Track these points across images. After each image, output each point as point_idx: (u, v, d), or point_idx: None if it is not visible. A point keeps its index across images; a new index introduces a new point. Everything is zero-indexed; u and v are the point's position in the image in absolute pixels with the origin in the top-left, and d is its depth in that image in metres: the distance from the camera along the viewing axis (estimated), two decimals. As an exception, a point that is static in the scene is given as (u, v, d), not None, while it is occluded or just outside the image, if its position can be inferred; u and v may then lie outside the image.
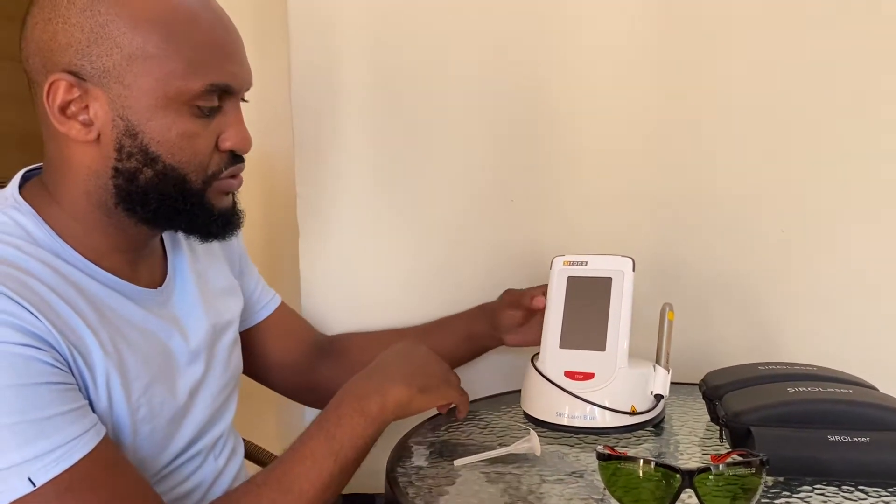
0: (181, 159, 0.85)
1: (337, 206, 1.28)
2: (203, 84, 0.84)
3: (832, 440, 0.89)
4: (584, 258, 1.09)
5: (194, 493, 0.95)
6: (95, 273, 0.86)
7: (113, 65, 0.81)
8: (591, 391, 1.01)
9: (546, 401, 1.04)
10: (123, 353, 0.85)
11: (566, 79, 1.25)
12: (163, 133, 0.84)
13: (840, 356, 1.11)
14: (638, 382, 1.03)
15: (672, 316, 1.05)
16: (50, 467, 0.74)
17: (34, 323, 0.76)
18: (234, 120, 0.89)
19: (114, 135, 0.83)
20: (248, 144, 0.90)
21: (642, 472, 0.82)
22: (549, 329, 1.07)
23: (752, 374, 1.04)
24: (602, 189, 1.27)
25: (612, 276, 1.06)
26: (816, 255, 1.25)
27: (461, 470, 0.96)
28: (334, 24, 1.23)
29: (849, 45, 1.20)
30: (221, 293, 1.03)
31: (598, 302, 1.06)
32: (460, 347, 1.22)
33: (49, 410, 0.75)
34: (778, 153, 1.25)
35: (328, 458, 0.88)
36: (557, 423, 1.03)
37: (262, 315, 1.15)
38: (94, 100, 0.82)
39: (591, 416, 1.01)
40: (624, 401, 1.01)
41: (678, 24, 1.23)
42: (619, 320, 1.04)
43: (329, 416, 0.91)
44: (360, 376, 0.96)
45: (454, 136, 1.26)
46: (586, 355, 1.04)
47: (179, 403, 0.92)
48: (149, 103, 0.83)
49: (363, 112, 1.25)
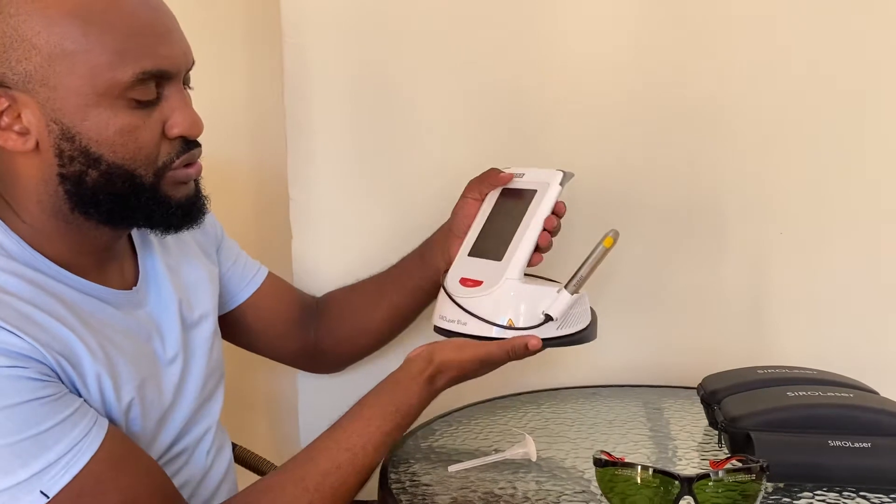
0: (125, 155, 0.81)
1: (330, 209, 1.27)
2: (133, 73, 0.79)
3: (833, 445, 0.88)
4: (523, 170, 1.06)
5: (180, 491, 0.93)
6: (70, 280, 0.84)
7: (34, 68, 0.78)
8: (470, 297, 0.98)
9: (436, 305, 1.03)
10: (112, 356, 0.83)
11: (558, 78, 1.24)
12: (100, 131, 0.80)
13: (839, 360, 1.09)
14: (526, 297, 0.97)
15: (609, 243, 0.98)
16: (59, 476, 0.74)
17: (14, 342, 0.74)
18: (178, 104, 0.83)
19: (51, 140, 0.80)
20: (197, 128, 0.86)
21: (640, 479, 0.81)
22: (468, 237, 1.04)
23: (751, 378, 1.03)
24: (593, 189, 1.26)
25: (538, 189, 1.02)
26: (815, 258, 1.25)
27: (456, 476, 0.94)
28: (328, 26, 1.22)
29: (848, 44, 1.19)
30: (195, 287, 1.01)
31: (515, 213, 1.02)
32: (417, 277, 1.14)
33: (46, 423, 0.74)
34: (776, 155, 1.24)
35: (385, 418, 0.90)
36: (438, 325, 1.01)
37: (250, 290, 1.13)
38: (24, 107, 0.79)
39: (465, 322, 0.97)
40: (502, 313, 0.96)
41: (674, 22, 1.22)
42: (524, 231, 1.00)
43: (384, 385, 0.93)
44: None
45: (449, 138, 1.25)
46: (484, 264, 1.01)
47: (166, 402, 0.91)
48: (79, 102, 0.79)
49: (356, 115, 1.24)
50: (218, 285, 1.07)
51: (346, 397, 0.95)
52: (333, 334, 1.18)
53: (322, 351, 1.19)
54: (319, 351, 1.19)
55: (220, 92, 1.35)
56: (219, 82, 1.35)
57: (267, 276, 1.16)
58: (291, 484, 0.87)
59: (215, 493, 0.99)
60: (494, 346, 0.94)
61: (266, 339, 1.17)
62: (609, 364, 1.28)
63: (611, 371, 1.27)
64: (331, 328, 1.18)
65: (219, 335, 1.04)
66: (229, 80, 1.40)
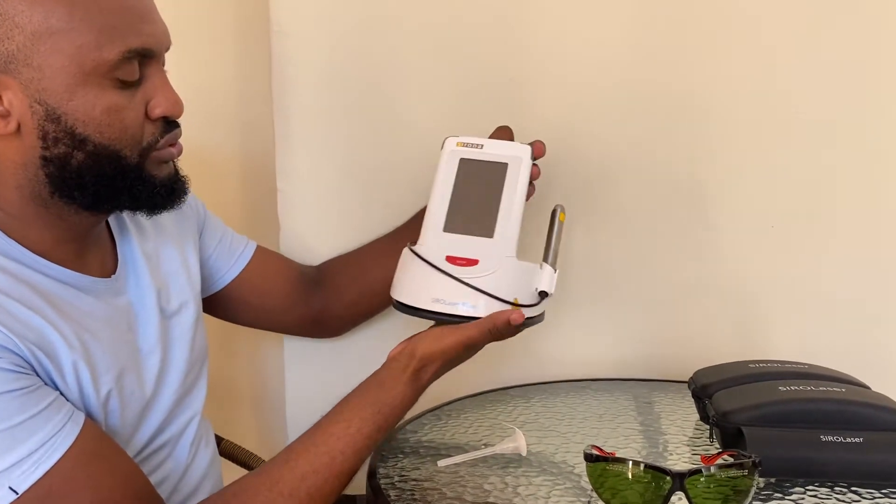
0: (111, 136, 0.81)
1: (318, 201, 1.26)
2: (120, 52, 0.78)
3: (825, 440, 0.88)
4: (479, 141, 1.01)
5: (161, 486, 0.91)
6: (46, 268, 0.82)
7: (17, 48, 0.77)
8: (474, 277, 0.91)
9: (423, 285, 0.93)
10: (89, 345, 0.82)
11: (548, 72, 1.23)
12: (87, 111, 0.79)
13: (831, 354, 1.09)
14: (523, 275, 0.93)
15: (563, 217, 0.97)
16: (30, 472, 0.73)
17: None
18: (159, 84, 0.83)
19: (34, 122, 0.79)
20: (179, 108, 0.85)
21: (631, 474, 0.80)
22: (434, 211, 0.97)
23: (743, 372, 1.02)
24: (582, 182, 1.25)
25: (509, 163, 0.99)
26: (807, 252, 1.24)
27: (445, 471, 0.94)
28: (316, 16, 1.20)
29: (845, 40, 1.19)
30: (174, 275, 0.99)
31: (490, 187, 0.98)
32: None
33: (18, 417, 0.73)
34: (768, 148, 1.23)
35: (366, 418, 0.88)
36: (434, 309, 0.91)
37: (239, 266, 1.12)
38: (4, 89, 0.78)
39: (474, 304, 0.90)
40: (509, 292, 0.91)
41: (668, 10, 1.21)
42: (511, 207, 0.96)
43: (367, 385, 0.91)
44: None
45: (437, 129, 1.23)
46: (472, 241, 0.94)
47: (147, 393, 0.90)
48: (66, 82, 0.78)
49: (345, 106, 1.23)
50: (198, 270, 1.05)
51: (334, 389, 0.94)
52: (345, 297, 1.17)
53: (332, 315, 1.18)
54: (329, 316, 1.18)
55: (208, 81, 1.34)
56: (206, 71, 1.35)
57: (256, 251, 1.14)
58: (266, 487, 0.84)
59: (198, 487, 0.97)
60: (474, 328, 0.89)
61: (263, 312, 1.16)
62: (599, 358, 1.27)
63: (601, 365, 1.26)
64: (343, 292, 1.17)
65: (201, 323, 1.03)
66: (217, 69, 1.39)
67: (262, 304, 1.15)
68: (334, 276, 1.19)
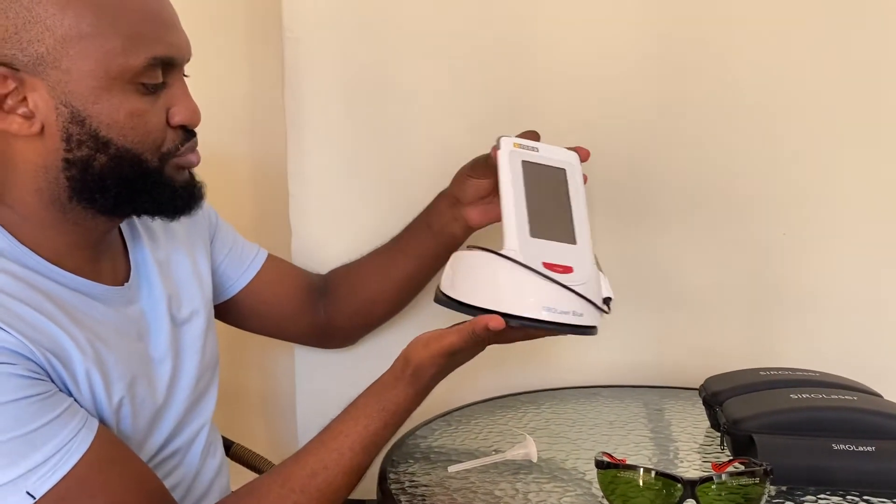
0: (134, 139, 0.82)
1: (330, 206, 1.26)
2: (145, 58, 0.80)
3: (836, 449, 0.87)
4: (533, 144, 0.98)
5: (173, 493, 0.91)
6: (60, 277, 0.83)
7: (46, 50, 0.78)
8: (575, 285, 0.87)
9: (528, 293, 0.87)
10: (102, 353, 0.82)
11: (559, 77, 1.23)
12: (111, 115, 0.80)
13: (843, 362, 1.09)
14: (597, 282, 0.91)
15: None
16: (47, 477, 0.73)
17: (2, 337, 0.73)
18: (180, 94, 0.85)
19: (59, 124, 0.80)
20: (197, 117, 0.87)
21: (642, 481, 0.80)
22: (514, 213, 0.91)
23: (754, 379, 1.02)
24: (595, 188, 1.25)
25: (566, 168, 0.97)
26: (819, 259, 1.24)
27: (455, 476, 0.94)
28: (329, 22, 1.21)
29: (854, 44, 1.18)
30: (185, 282, 1.00)
31: (557, 192, 0.96)
32: (429, 245, 1.13)
33: (35, 423, 0.74)
34: (780, 155, 1.23)
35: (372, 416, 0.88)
36: (546, 318, 0.85)
37: (249, 275, 1.13)
38: (31, 90, 0.79)
39: (581, 312, 0.87)
40: (597, 300, 0.89)
41: (678, 24, 1.21)
42: (581, 213, 0.94)
43: (372, 386, 0.91)
44: None
45: (449, 135, 1.24)
46: (560, 247, 0.91)
47: (158, 401, 0.90)
48: (92, 85, 0.79)
49: (357, 111, 1.23)
50: (210, 277, 1.05)
51: (345, 395, 0.94)
52: (346, 308, 1.18)
53: (335, 326, 1.18)
54: (332, 327, 1.18)
55: (221, 87, 1.35)
56: (219, 78, 1.35)
57: (267, 259, 1.15)
58: (277, 485, 0.86)
59: (207, 491, 0.98)
60: (455, 334, 0.86)
61: (273, 321, 1.16)
62: (610, 364, 1.27)
63: (611, 371, 1.26)
64: (343, 303, 1.17)
65: (213, 331, 1.03)
66: (230, 75, 1.40)
67: (270, 313, 1.15)
68: (339, 285, 1.19)
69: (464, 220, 1.08)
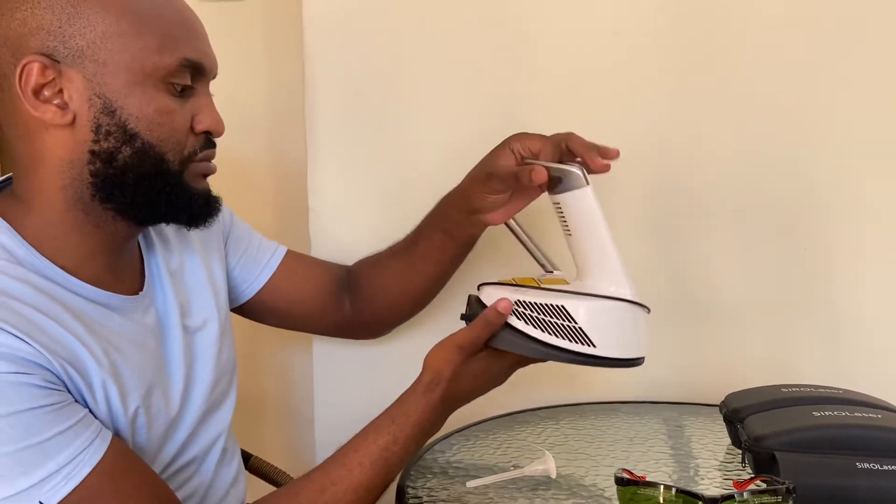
0: (160, 136, 0.84)
1: (350, 221, 1.26)
2: (178, 59, 0.84)
3: (861, 468, 0.86)
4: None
5: (188, 502, 0.93)
6: (78, 288, 0.84)
7: (87, 44, 0.81)
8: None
9: (643, 334, 0.92)
10: (118, 364, 0.83)
11: (568, 82, 1.23)
12: (141, 108, 0.83)
13: (866, 379, 1.08)
14: None
15: None
16: (60, 487, 0.74)
17: (20, 347, 0.74)
18: (206, 102, 0.89)
19: (91, 114, 0.82)
20: (222, 127, 0.90)
21: (663, 499, 0.79)
22: (606, 249, 0.91)
23: (776, 396, 1.01)
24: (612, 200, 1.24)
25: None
26: (841, 276, 1.23)
27: (474, 492, 0.93)
28: (348, 35, 1.22)
29: (870, 46, 1.18)
30: (198, 290, 1.00)
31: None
32: (449, 250, 1.12)
33: (49, 432, 0.74)
34: (803, 172, 1.22)
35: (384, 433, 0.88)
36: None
37: (266, 275, 1.13)
38: (68, 82, 0.82)
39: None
40: None
41: (688, 24, 1.21)
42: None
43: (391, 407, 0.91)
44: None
45: (468, 147, 1.23)
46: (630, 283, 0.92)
47: (173, 410, 0.91)
48: (126, 79, 0.82)
49: (375, 127, 1.24)
50: (225, 283, 1.06)
51: (364, 405, 0.94)
52: (370, 307, 1.18)
53: (361, 322, 1.19)
54: (358, 322, 1.19)
55: (242, 97, 1.36)
56: (239, 88, 1.36)
57: (286, 256, 1.15)
58: (286, 499, 0.87)
59: (223, 500, 0.98)
60: (466, 329, 0.90)
61: (297, 316, 1.17)
62: (629, 380, 1.25)
63: (630, 387, 1.25)
64: (367, 302, 1.18)
65: (228, 338, 1.03)
66: (250, 86, 1.41)
67: (292, 310, 1.16)
68: (361, 288, 1.19)
69: (483, 223, 1.07)
